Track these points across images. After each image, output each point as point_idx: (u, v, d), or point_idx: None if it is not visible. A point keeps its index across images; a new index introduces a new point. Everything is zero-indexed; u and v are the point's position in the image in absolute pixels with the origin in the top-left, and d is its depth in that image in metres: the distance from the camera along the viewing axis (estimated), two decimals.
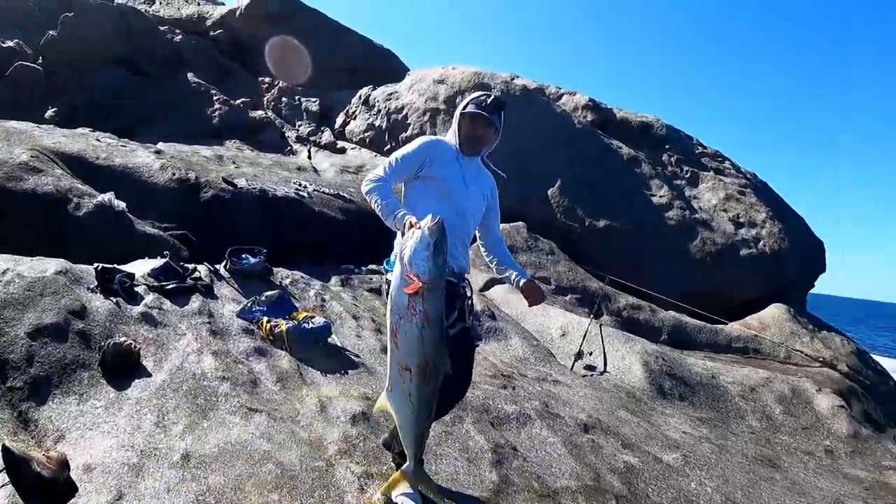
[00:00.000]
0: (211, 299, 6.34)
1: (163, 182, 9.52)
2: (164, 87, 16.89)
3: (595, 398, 7.10)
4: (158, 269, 6.43)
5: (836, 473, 6.76)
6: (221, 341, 5.45)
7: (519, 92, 14.89)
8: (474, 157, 3.67)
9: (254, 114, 16.97)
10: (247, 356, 5.34)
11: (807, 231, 14.69)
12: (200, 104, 16.48)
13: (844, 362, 10.90)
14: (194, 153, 12.57)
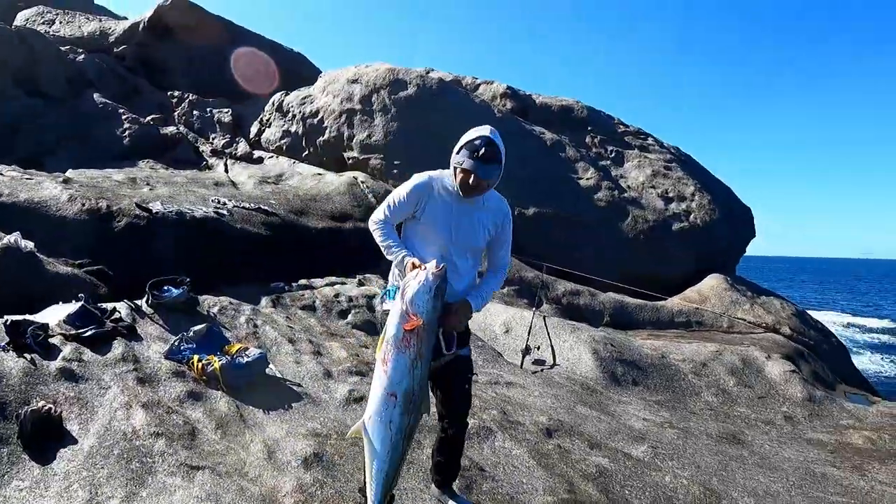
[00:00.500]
0: (135, 342, 5.82)
1: (72, 215, 8.88)
2: (69, 109, 15.98)
3: (551, 396, 6.87)
4: (74, 315, 5.89)
5: (799, 440, 6.73)
6: (151, 390, 4.97)
7: (435, 85, 14.59)
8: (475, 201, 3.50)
9: (165, 130, 16.26)
10: (180, 403, 4.87)
11: (734, 199, 14.83)
12: (109, 125, 15.64)
13: (787, 325, 10.99)
14: (106, 178, 11.88)
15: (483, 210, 3.53)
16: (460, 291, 3.48)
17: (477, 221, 3.51)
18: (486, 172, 3.29)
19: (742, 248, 14.56)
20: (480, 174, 3.28)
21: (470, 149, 3.32)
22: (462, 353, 3.57)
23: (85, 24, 21.02)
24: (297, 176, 14.22)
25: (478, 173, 3.28)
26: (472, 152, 3.30)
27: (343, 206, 12.14)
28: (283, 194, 12.17)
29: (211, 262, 9.09)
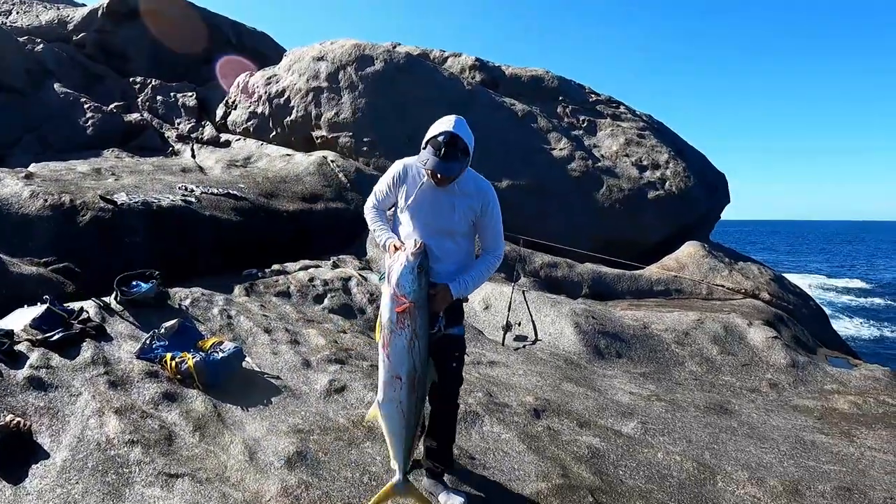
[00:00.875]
0: (105, 342, 5.59)
1: (35, 211, 8.53)
2: (30, 101, 15.47)
3: (536, 374, 6.76)
4: (40, 319, 5.64)
5: (785, 407, 6.69)
6: (123, 393, 4.76)
7: (403, 60, 14.32)
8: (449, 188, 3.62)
9: (129, 117, 15.78)
10: (155, 405, 4.66)
11: (709, 165, 14.78)
12: (71, 115, 15.15)
13: (765, 290, 10.96)
14: (69, 170, 11.50)
15: (459, 195, 3.61)
16: (445, 273, 3.61)
17: (452, 205, 3.61)
18: (446, 170, 3.40)
19: (717, 214, 14.55)
20: (441, 171, 3.41)
21: (433, 146, 3.42)
22: (452, 331, 3.68)
23: (42, 12, 20.35)
24: (266, 158, 13.93)
25: (438, 171, 3.41)
26: (435, 150, 3.40)
27: (313, 186, 11.89)
28: (251, 177, 11.90)
29: (181, 252, 8.84)
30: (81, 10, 20.07)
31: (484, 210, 3.66)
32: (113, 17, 19.01)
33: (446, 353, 3.65)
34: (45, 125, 14.87)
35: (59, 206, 8.60)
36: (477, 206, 3.64)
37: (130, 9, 19.01)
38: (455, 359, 3.73)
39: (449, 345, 3.67)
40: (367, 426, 4.62)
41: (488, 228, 3.73)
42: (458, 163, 3.43)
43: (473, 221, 3.69)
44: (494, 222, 3.73)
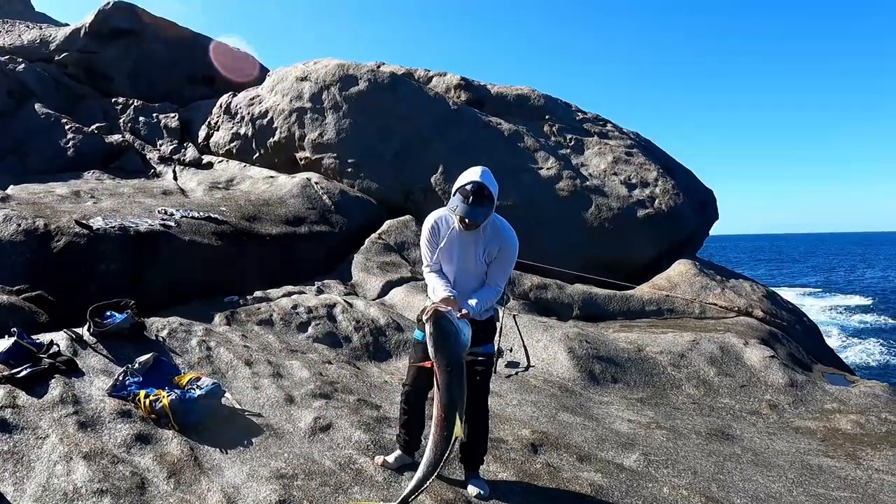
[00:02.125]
0: (75, 378, 5.28)
1: (8, 236, 8.20)
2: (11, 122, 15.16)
3: (531, 404, 6.50)
4: (7, 353, 5.33)
5: (787, 430, 6.52)
6: (94, 436, 4.44)
7: (387, 80, 14.11)
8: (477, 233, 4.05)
9: (111, 138, 15.48)
10: (127, 449, 4.34)
11: (697, 182, 14.63)
12: (52, 136, 14.84)
13: (759, 307, 10.79)
14: (48, 192, 11.20)
15: (482, 239, 4.05)
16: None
17: (476, 249, 4.06)
18: (474, 215, 3.82)
19: (706, 231, 14.39)
20: (469, 216, 3.82)
21: (462, 194, 3.82)
22: (482, 349, 4.15)
23: (25, 32, 20.06)
24: (249, 180, 13.67)
25: (466, 217, 3.82)
26: (464, 198, 3.80)
27: (297, 209, 11.63)
28: (233, 200, 11.62)
29: (159, 280, 8.56)
30: (64, 29, 19.81)
31: (500, 252, 4.09)
32: (95, 37, 18.77)
33: (474, 368, 4.08)
34: (26, 146, 14.59)
35: (32, 230, 8.30)
36: (495, 249, 4.07)
37: (113, 29, 18.78)
38: (478, 373, 4.13)
39: (477, 362, 4.12)
40: (355, 469, 4.34)
41: (496, 266, 4.15)
42: (484, 209, 3.83)
43: (488, 262, 4.11)
44: (505, 265, 4.17)
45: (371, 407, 5.64)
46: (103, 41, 18.81)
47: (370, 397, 5.97)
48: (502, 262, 4.13)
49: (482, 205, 3.81)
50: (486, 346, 4.22)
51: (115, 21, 18.86)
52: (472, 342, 3.87)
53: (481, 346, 4.12)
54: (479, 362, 4.13)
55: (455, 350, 3.72)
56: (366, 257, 10.90)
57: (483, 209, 3.82)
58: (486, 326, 4.21)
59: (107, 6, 18.94)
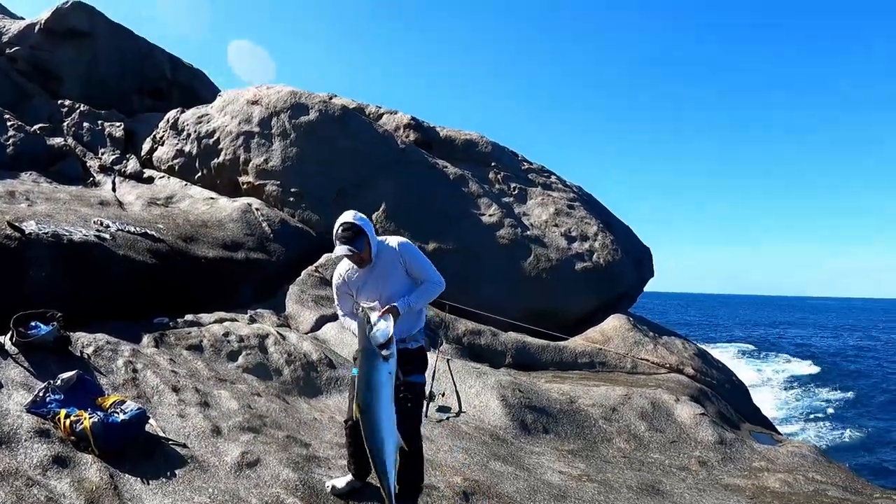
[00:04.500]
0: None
1: None
2: None
3: (462, 450, 6.39)
4: None
5: (716, 486, 6.55)
6: (9, 454, 4.17)
7: (338, 112, 14.04)
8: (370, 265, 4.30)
9: (52, 141, 14.94)
10: (43, 471, 4.09)
11: (635, 239, 14.88)
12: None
13: (689, 365, 10.95)
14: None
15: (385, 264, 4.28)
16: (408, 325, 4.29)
17: (386, 275, 4.28)
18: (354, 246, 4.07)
19: (642, 287, 14.62)
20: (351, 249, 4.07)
21: (336, 238, 4.13)
22: (411, 378, 4.23)
23: None
24: (189, 199, 13.35)
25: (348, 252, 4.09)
26: (339, 241, 4.11)
27: (236, 234, 11.39)
28: (172, 218, 11.32)
29: (89, 292, 8.20)
30: (19, 23, 19.19)
31: (406, 256, 4.31)
32: (50, 34, 18.25)
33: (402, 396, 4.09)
34: None
35: None
36: (399, 258, 4.29)
37: (68, 28, 18.31)
38: (409, 400, 4.19)
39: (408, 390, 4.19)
40: None
41: (417, 267, 4.34)
42: (358, 239, 4.11)
43: (406, 270, 4.30)
44: (420, 261, 4.36)
45: (300, 444, 5.47)
46: (57, 40, 18.31)
47: (299, 434, 5.79)
48: (416, 260, 4.34)
49: (354, 236, 4.10)
50: (416, 376, 4.31)
51: (71, 21, 18.40)
52: (403, 370, 4.07)
53: (412, 374, 4.24)
54: (406, 389, 4.17)
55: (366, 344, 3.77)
56: (301, 289, 10.69)
57: (357, 240, 4.10)
58: (416, 356, 4.35)
59: (65, 4, 18.47)
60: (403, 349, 4.18)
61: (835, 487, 6.65)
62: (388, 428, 3.70)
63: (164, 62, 20.30)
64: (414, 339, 4.37)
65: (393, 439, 3.72)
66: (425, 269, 4.35)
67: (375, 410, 3.70)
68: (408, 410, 4.15)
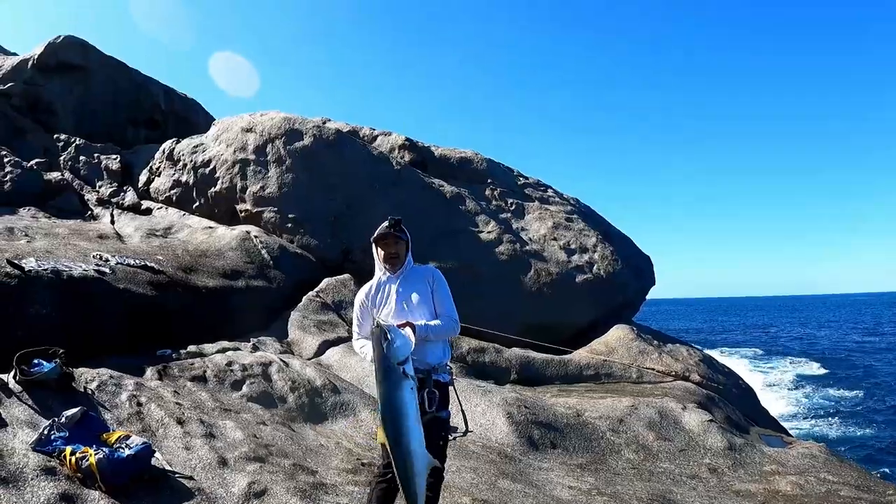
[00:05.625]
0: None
1: None
2: None
3: (470, 470, 6.37)
4: None
5: (728, 493, 6.52)
6: (15, 493, 4.17)
7: (332, 136, 14.10)
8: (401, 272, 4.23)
9: (49, 175, 15.05)
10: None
11: (635, 249, 14.87)
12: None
13: (695, 372, 10.92)
14: None
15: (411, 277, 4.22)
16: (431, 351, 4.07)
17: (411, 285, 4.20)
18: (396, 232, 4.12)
19: (643, 296, 14.59)
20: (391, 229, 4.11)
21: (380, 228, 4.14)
22: (442, 414, 4.02)
23: None
24: (187, 229, 13.39)
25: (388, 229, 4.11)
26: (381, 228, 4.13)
27: (235, 262, 11.41)
28: (171, 249, 11.35)
29: (91, 328, 8.22)
30: (12, 59, 19.35)
31: (437, 281, 4.22)
32: (43, 69, 18.44)
33: (433, 433, 3.83)
34: None
35: None
36: (429, 277, 4.22)
37: (61, 62, 18.47)
38: (441, 437, 4.01)
39: (436, 425, 3.95)
40: None
41: (442, 296, 4.20)
42: (402, 231, 4.16)
43: (432, 290, 4.18)
44: (447, 292, 4.24)
45: (307, 472, 5.46)
46: (50, 74, 18.51)
47: (306, 461, 5.78)
48: (442, 290, 4.21)
49: (398, 225, 4.14)
50: (446, 412, 4.11)
51: (64, 55, 18.60)
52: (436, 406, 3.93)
53: (441, 410, 4.04)
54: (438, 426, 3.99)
55: (385, 362, 3.63)
56: (303, 315, 10.70)
57: (401, 229, 4.16)
58: (445, 390, 4.17)
59: (57, 39, 18.72)
60: (437, 379, 4.07)
61: (847, 487, 6.62)
62: (418, 450, 3.55)
63: (158, 93, 20.46)
64: (445, 370, 4.20)
65: (424, 460, 3.58)
66: (448, 303, 4.22)
67: (404, 432, 3.55)
68: (438, 450, 3.95)
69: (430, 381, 4.00)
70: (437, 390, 4.00)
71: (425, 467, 3.60)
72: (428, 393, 3.92)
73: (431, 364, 4.05)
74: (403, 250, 4.22)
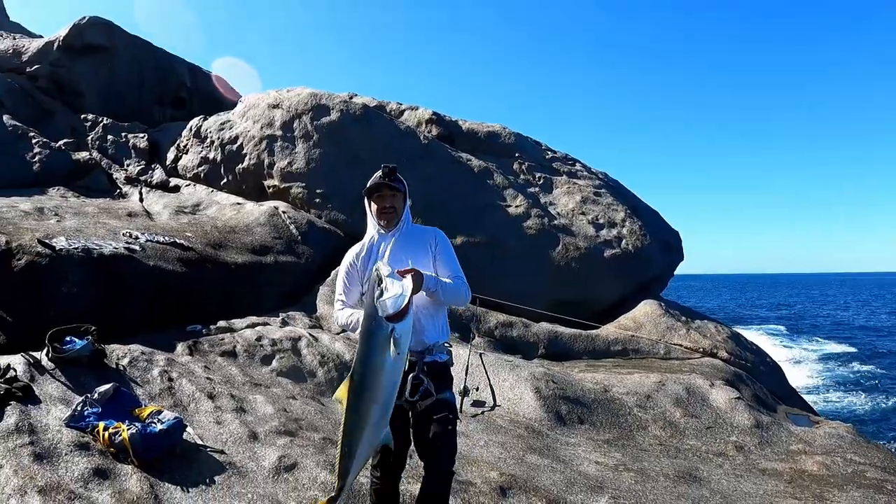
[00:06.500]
0: (32, 405, 5.11)
1: None
2: None
3: (498, 444, 6.41)
4: None
5: (754, 471, 6.50)
6: (50, 468, 4.26)
7: (359, 111, 14.10)
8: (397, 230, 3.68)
9: (77, 155, 15.18)
10: (85, 483, 4.18)
11: (663, 223, 14.76)
12: (18, 149, 14.49)
13: (723, 349, 10.86)
14: (11, 207, 10.90)
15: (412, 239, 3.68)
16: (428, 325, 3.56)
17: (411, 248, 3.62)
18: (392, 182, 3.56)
19: (672, 271, 14.50)
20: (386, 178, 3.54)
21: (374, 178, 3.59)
22: (445, 396, 3.49)
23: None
24: (216, 206, 13.49)
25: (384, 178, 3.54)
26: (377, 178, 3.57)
27: (264, 237, 11.49)
28: (200, 226, 11.45)
29: (121, 305, 8.31)
30: (38, 41, 19.50)
31: (440, 243, 3.68)
32: (68, 51, 18.51)
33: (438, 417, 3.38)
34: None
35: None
36: (431, 240, 3.66)
37: (86, 44, 18.54)
38: (449, 421, 3.41)
39: (441, 408, 3.42)
40: None
41: (448, 259, 3.67)
42: (398, 181, 3.58)
43: (434, 255, 3.63)
44: (452, 254, 3.71)
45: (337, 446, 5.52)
46: (76, 56, 18.58)
47: (336, 436, 5.84)
48: (447, 252, 3.69)
49: (393, 174, 3.58)
50: (449, 393, 3.56)
51: (89, 36, 18.64)
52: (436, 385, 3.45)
53: (443, 391, 3.51)
54: (442, 407, 3.46)
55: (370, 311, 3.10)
56: (331, 289, 10.75)
57: (396, 179, 3.60)
58: (446, 370, 3.63)
59: (82, 20, 18.75)
60: (432, 361, 3.53)
61: (873, 468, 6.57)
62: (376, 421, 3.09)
63: (184, 71, 20.50)
64: (443, 349, 3.63)
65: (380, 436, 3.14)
66: (455, 266, 3.67)
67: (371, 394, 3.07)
68: (448, 435, 3.41)
69: (421, 364, 3.48)
70: (433, 372, 3.49)
71: (380, 441, 3.17)
72: (413, 378, 3.41)
73: (427, 343, 3.53)
74: (400, 203, 3.67)
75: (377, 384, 3.05)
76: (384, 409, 3.09)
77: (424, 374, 3.44)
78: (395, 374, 3.09)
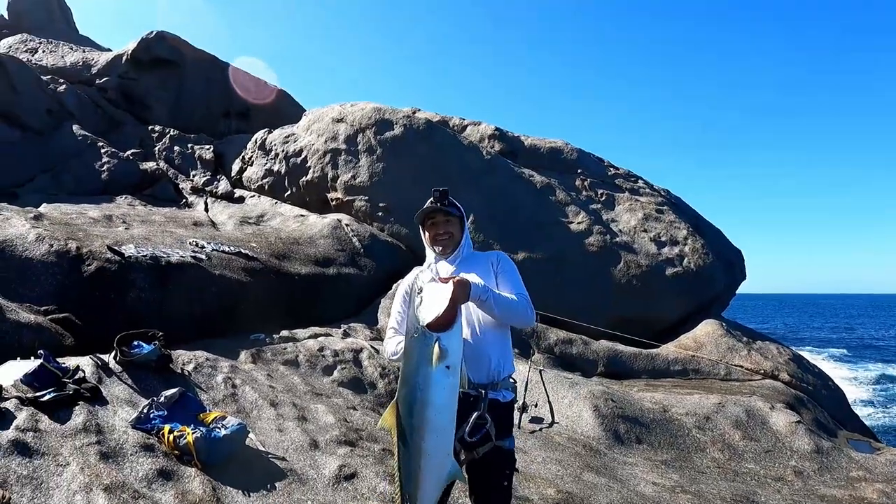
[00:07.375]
0: (99, 406, 5.29)
1: (39, 256, 8.20)
2: (47, 141, 15.44)
3: (555, 462, 6.40)
4: (31, 375, 5.34)
5: (812, 498, 6.38)
6: (115, 467, 4.42)
7: (422, 126, 14.24)
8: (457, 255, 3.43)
9: (145, 165, 15.70)
10: (149, 483, 4.33)
11: (726, 242, 14.52)
12: (87, 158, 15.06)
13: (785, 371, 10.62)
14: (80, 214, 11.33)
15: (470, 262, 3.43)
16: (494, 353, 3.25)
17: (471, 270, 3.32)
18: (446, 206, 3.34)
19: (734, 291, 14.23)
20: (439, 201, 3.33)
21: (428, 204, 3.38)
22: (504, 444, 3.15)
23: (68, 54, 20.54)
24: (279, 217, 13.77)
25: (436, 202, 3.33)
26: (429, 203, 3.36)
27: (327, 249, 11.68)
28: (264, 237, 11.70)
29: (187, 312, 8.57)
30: (106, 54, 20.26)
31: (502, 263, 3.41)
32: (137, 63, 19.21)
33: (495, 469, 3.12)
34: (60, 166, 14.79)
35: (64, 252, 8.32)
36: (493, 260, 3.40)
37: (154, 57, 19.19)
38: (505, 476, 3.15)
39: (500, 459, 3.14)
40: None
41: (510, 279, 3.36)
42: (453, 206, 3.37)
43: (496, 274, 3.35)
44: (516, 274, 3.40)
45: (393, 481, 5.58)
46: (144, 69, 19.25)
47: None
48: (509, 272, 3.39)
49: (445, 198, 3.35)
50: (509, 441, 3.22)
51: (157, 50, 19.30)
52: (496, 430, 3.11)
53: (503, 438, 3.17)
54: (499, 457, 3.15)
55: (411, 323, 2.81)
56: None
57: (450, 204, 3.36)
58: (507, 412, 3.30)
59: (150, 35, 19.43)
60: (495, 399, 3.19)
61: None
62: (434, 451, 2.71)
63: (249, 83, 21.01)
64: (508, 385, 3.29)
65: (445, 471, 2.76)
66: (519, 285, 3.35)
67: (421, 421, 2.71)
68: (504, 492, 3.14)
69: (485, 401, 3.13)
70: (495, 413, 3.15)
71: (445, 478, 2.78)
72: (478, 418, 3.07)
73: (491, 374, 3.20)
74: (457, 228, 3.40)
75: (427, 403, 2.68)
76: (442, 435, 2.72)
77: (485, 412, 3.11)
78: (448, 391, 2.70)
